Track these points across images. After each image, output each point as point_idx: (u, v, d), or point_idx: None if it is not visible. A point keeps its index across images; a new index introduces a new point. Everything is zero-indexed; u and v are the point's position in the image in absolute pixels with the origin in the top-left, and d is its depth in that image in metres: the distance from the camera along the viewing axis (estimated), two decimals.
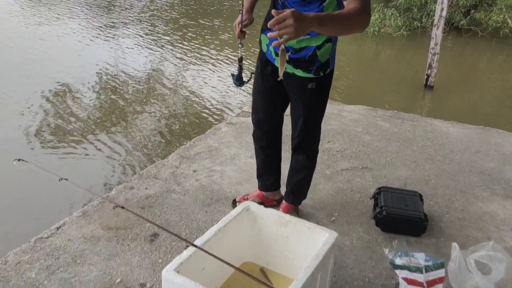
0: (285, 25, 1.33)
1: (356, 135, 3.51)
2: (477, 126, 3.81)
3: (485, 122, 4.13)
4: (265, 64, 2.13)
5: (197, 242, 1.65)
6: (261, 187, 2.52)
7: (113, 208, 1.60)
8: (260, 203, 2.34)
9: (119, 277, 2.01)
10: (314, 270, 1.57)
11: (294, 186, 2.39)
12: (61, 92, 5.27)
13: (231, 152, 3.15)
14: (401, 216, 2.33)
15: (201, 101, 5.28)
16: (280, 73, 1.61)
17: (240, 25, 2.09)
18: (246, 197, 2.53)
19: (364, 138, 3.46)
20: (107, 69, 6.13)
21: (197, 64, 6.63)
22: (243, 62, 2.21)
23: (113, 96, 5.26)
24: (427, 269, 1.76)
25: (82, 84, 5.49)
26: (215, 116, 4.88)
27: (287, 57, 1.88)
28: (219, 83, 5.89)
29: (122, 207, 1.63)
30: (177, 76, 6.12)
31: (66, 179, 1.76)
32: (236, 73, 2.22)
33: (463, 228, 2.47)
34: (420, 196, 2.52)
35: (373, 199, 2.53)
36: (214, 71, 6.36)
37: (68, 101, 5.03)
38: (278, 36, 1.38)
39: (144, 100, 5.20)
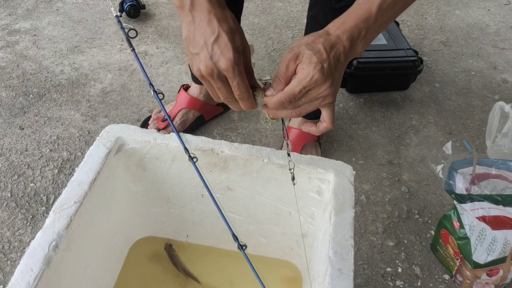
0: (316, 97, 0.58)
1: None
2: None
3: None
4: None
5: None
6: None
7: None
8: (200, 118, 1.23)
9: None
10: None
11: None
12: None
13: None
14: (385, 65, 1.33)
15: None
16: None
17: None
18: (160, 117, 1.19)
19: None
20: None
21: None
22: None
23: None
24: None
25: None
26: None
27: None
28: None
29: None
30: None
31: None
32: None
33: (456, 58, 1.57)
34: (395, 21, 1.51)
35: None
36: None
37: None
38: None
39: None
